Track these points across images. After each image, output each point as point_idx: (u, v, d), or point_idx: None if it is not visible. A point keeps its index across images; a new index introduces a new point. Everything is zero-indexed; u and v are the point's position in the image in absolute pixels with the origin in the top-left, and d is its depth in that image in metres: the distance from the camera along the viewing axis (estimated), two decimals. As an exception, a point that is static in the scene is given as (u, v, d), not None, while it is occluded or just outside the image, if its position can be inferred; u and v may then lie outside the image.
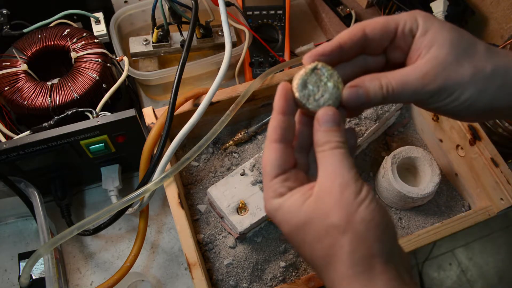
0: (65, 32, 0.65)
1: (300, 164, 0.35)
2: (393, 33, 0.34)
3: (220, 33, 0.75)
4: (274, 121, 0.33)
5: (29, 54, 0.63)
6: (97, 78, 0.62)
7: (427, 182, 0.60)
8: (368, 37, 0.34)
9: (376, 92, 0.32)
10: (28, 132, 0.58)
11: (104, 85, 0.63)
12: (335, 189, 0.29)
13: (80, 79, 0.61)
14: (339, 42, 0.33)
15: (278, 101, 0.33)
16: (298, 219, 0.30)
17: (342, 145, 0.31)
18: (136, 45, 0.73)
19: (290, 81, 0.32)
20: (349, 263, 0.28)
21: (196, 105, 0.61)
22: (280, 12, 0.78)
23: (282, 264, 0.57)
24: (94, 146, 0.57)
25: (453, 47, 0.32)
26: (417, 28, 0.33)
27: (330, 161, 0.31)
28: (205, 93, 0.58)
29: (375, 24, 0.34)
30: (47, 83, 0.61)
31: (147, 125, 0.59)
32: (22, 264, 0.60)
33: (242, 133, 0.67)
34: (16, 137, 0.56)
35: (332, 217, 0.29)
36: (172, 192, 0.55)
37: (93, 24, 0.73)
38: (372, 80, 0.32)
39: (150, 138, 0.56)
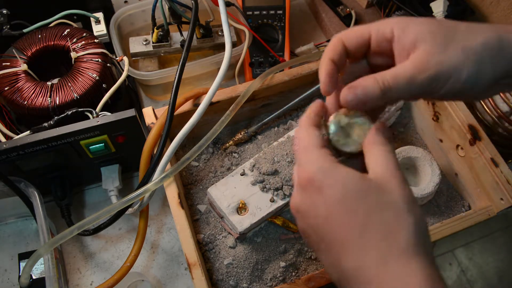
0: (65, 32, 0.65)
1: None
2: (367, 41, 0.36)
3: (220, 33, 0.75)
4: (316, 106, 0.36)
5: (29, 54, 0.63)
6: (97, 78, 0.62)
7: (427, 182, 0.60)
8: (347, 48, 0.36)
9: (374, 88, 0.32)
10: (28, 132, 0.58)
11: (104, 85, 0.63)
12: (398, 180, 0.31)
13: (80, 79, 0.61)
14: (330, 59, 0.36)
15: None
16: (361, 185, 0.30)
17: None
18: (136, 45, 0.73)
19: (291, 81, 0.32)
20: (414, 240, 0.29)
21: (196, 105, 0.61)
22: (280, 12, 0.78)
23: (282, 264, 0.57)
24: (94, 146, 0.57)
25: (436, 36, 0.32)
26: (392, 32, 0.34)
27: (391, 157, 0.32)
28: (205, 93, 0.58)
29: (351, 35, 0.36)
30: (47, 83, 0.61)
31: (147, 125, 0.59)
32: (22, 264, 0.60)
33: (242, 133, 0.67)
34: (16, 137, 0.56)
35: (397, 196, 0.30)
36: (172, 192, 0.55)
37: (93, 24, 0.73)
38: (367, 78, 0.33)
39: (150, 138, 0.56)
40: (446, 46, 0.32)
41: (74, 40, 0.65)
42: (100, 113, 0.59)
